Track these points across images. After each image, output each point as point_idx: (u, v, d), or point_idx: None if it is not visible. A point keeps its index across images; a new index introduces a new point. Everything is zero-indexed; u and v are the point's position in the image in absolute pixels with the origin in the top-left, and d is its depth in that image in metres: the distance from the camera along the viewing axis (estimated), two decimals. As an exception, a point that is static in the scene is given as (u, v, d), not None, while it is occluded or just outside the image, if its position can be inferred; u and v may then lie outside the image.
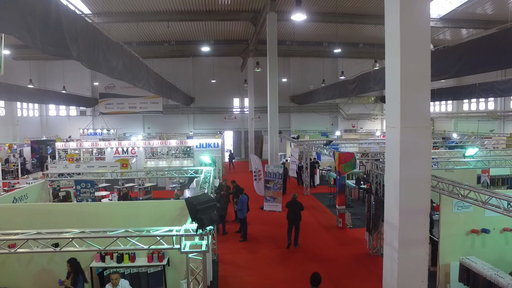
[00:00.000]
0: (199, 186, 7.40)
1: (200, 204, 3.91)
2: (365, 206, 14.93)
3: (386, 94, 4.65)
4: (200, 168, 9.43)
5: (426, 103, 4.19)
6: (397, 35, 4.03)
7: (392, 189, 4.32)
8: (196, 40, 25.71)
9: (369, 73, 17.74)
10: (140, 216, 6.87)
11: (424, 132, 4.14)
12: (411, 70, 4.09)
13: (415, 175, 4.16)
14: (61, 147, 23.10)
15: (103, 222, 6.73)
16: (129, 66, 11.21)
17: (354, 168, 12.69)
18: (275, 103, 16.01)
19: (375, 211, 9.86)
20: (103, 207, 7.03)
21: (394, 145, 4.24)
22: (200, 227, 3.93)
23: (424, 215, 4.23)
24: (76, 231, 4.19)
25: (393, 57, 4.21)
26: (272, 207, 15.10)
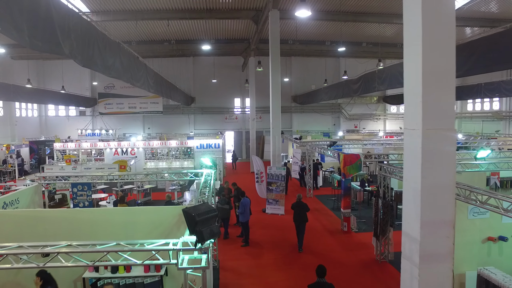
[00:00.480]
0: (199, 191, 6.98)
1: (199, 215, 3.50)
2: (372, 209, 14.52)
3: (405, 93, 4.24)
4: (200, 171, 9.02)
5: (450, 103, 3.76)
6: (419, 26, 3.61)
7: (412, 198, 3.90)
8: (196, 39, 25.32)
9: (374, 73, 17.32)
10: (137, 224, 6.46)
11: (449, 135, 3.71)
12: (435, 66, 3.67)
13: (438, 183, 3.74)
14: (59, 148, 22.72)
15: (97, 230, 6.34)
16: (127, 65, 10.82)
17: (359, 170, 12.28)
18: (278, 103, 15.60)
19: (383, 216, 9.45)
20: (97, 213, 6.63)
21: (415, 149, 3.82)
22: (200, 241, 3.52)
23: (448, 227, 3.80)
24: (63, 244, 3.79)
25: (413, 51, 3.79)
26: (274, 210, 14.69)
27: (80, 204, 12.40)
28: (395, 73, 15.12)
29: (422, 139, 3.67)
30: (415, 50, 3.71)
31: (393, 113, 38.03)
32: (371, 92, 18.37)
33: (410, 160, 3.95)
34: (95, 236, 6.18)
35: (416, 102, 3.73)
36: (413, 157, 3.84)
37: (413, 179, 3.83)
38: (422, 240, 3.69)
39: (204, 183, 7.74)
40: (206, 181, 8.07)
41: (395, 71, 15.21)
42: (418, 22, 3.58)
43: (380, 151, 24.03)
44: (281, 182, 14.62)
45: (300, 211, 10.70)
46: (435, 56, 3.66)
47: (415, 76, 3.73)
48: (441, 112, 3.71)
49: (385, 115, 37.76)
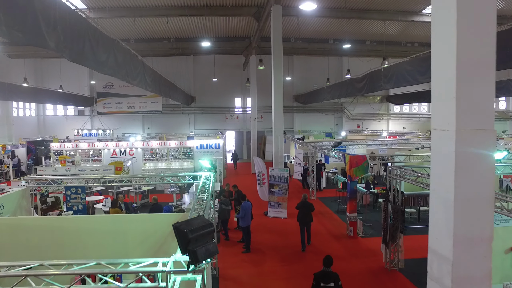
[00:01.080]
0: (196, 196, 6.43)
1: (192, 231, 2.95)
2: (378, 213, 14.02)
3: (433, 88, 3.67)
4: (198, 174, 8.46)
5: (489, 99, 3.18)
6: (453, 9, 3.03)
7: (442, 211, 3.33)
8: (196, 37, 24.76)
9: (379, 71, 16.75)
10: (128, 233, 5.91)
11: (488, 137, 3.14)
12: (472, 54, 3.09)
13: (475, 193, 3.17)
14: (56, 148, 22.18)
15: (83, 240, 5.80)
16: (122, 62, 10.27)
17: (366, 172, 11.73)
18: (280, 102, 15.04)
19: (393, 222, 8.88)
20: (84, 221, 6.09)
21: (446, 153, 3.25)
22: (193, 263, 2.97)
23: (486, 245, 3.24)
24: (34, 264, 3.23)
25: (444, 37, 3.22)
26: (277, 213, 14.12)
27: (74, 208, 11.86)
28: (402, 72, 14.56)
29: (455, 142, 3.11)
30: (447, 35, 3.14)
31: (396, 113, 37.44)
32: (377, 91, 17.80)
33: (440, 166, 3.38)
34: (81, 247, 5.66)
35: (448, 98, 3.16)
36: (443, 163, 3.28)
37: (444, 188, 3.27)
38: (456, 260, 3.13)
39: (202, 187, 7.18)
40: (204, 185, 7.52)
41: (402, 70, 14.65)
42: (452, 9, 3.00)
43: (384, 152, 23.49)
44: (284, 184, 14.06)
45: (306, 211, 10.65)
46: (472, 43, 3.09)
47: (447, 67, 3.16)
48: (478, 110, 3.13)
49: (388, 115, 37.16)
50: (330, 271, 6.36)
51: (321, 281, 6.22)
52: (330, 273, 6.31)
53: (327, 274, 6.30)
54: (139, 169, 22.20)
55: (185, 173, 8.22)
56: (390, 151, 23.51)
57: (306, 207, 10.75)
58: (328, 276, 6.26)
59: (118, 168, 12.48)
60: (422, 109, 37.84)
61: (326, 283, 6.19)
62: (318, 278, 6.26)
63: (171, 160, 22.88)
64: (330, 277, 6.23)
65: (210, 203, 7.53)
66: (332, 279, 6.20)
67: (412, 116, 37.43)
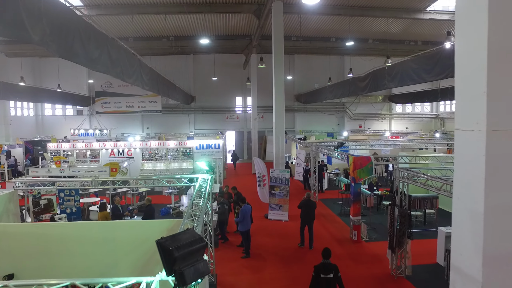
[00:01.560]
0: (192, 200, 6.00)
1: (179, 248, 2.51)
2: (382, 215, 13.57)
3: (457, 82, 3.23)
4: (195, 176, 8.03)
5: (526, 94, 2.75)
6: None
7: (468, 224, 2.88)
8: (196, 35, 24.31)
9: (383, 69, 16.30)
10: (117, 240, 5.49)
11: (524, 138, 2.71)
12: (506, 46, 2.65)
13: (509, 204, 2.73)
14: (53, 148, 21.78)
15: (69, 248, 5.38)
16: (116, 59, 9.84)
17: (370, 174, 11.30)
18: (281, 102, 14.59)
19: (400, 226, 8.43)
20: (71, 228, 5.67)
21: (474, 157, 2.80)
22: (180, 285, 2.53)
23: (521, 264, 2.82)
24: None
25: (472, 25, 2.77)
26: (277, 216, 13.69)
27: (68, 210, 11.49)
28: (407, 70, 14.10)
29: (486, 144, 2.66)
30: (476, 20, 2.69)
31: (398, 112, 36.97)
32: (380, 90, 17.35)
33: (466, 172, 2.92)
34: (67, 255, 5.25)
35: (477, 94, 2.71)
36: (470, 168, 2.83)
37: (471, 197, 2.82)
38: (486, 282, 2.68)
39: (199, 190, 6.75)
40: (200, 188, 7.09)
41: (407, 68, 14.19)
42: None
43: (387, 152, 23.04)
44: (285, 186, 13.62)
45: (309, 210, 10.71)
46: (507, 27, 2.63)
47: (476, 57, 2.72)
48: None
49: (390, 114, 36.70)
50: (329, 262, 6.56)
51: (321, 273, 6.40)
52: (329, 264, 6.51)
53: (327, 266, 6.49)
54: (137, 170, 21.78)
55: (181, 175, 7.78)
56: (393, 152, 23.10)
57: (309, 206, 10.78)
58: (327, 267, 6.46)
59: (114, 169, 12.05)
60: (425, 109, 37.37)
61: (325, 274, 6.38)
62: (318, 269, 6.47)
63: (170, 160, 22.46)
64: (329, 268, 6.44)
65: (207, 207, 7.10)
66: (331, 271, 6.40)
67: (415, 116, 36.97)
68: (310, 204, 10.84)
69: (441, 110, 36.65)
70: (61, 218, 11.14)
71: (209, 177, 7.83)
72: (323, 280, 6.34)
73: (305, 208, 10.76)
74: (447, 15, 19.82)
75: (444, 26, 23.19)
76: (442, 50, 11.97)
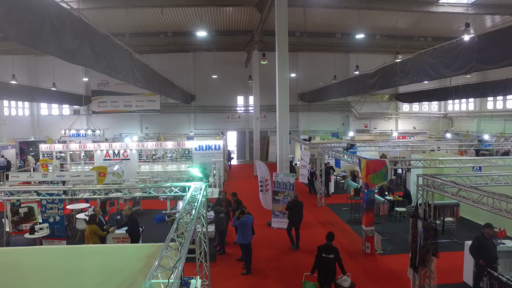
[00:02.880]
0: (177, 219, 4.91)
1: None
2: (397, 223, 12.41)
3: None
4: (187, 185, 6.94)
5: None
6: None
7: None
8: (195, 31, 23.20)
9: (395, 65, 15.16)
10: (85, 270, 4.42)
11: None
12: None
13: None
14: (45, 150, 20.77)
15: (26, 279, 4.28)
16: (101, 51, 8.77)
17: (385, 179, 10.20)
18: (285, 100, 13.46)
19: (424, 242, 7.30)
20: (27, 254, 4.61)
21: None
22: None
23: None
24: None
25: None
26: (281, 224, 12.56)
27: (50, 219, 10.45)
28: (422, 65, 12.96)
29: None
30: None
31: (405, 112, 35.77)
32: (391, 87, 16.28)
33: None
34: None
35: None
36: None
37: None
38: None
39: (189, 203, 5.66)
40: (192, 199, 6.00)
41: (422, 62, 13.05)
42: None
43: (396, 154, 21.88)
44: (290, 191, 12.51)
45: (298, 210, 10.61)
46: None
47: None
48: None
49: (397, 114, 35.51)
50: (331, 245, 7.47)
51: (323, 253, 7.34)
52: (331, 246, 7.43)
53: (329, 247, 7.41)
54: (134, 172, 20.77)
55: (171, 183, 6.71)
56: (402, 153, 21.95)
57: (297, 206, 10.65)
58: (329, 249, 7.38)
59: (102, 173, 11.01)
60: (433, 108, 36.14)
61: (327, 254, 7.31)
62: (321, 250, 7.39)
63: (168, 162, 21.40)
64: (331, 249, 7.36)
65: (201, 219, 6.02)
66: (332, 252, 7.33)
67: (422, 116, 35.75)
68: (298, 204, 10.68)
69: (450, 109, 35.41)
70: (42, 228, 10.11)
71: (203, 186, 6.74)
72: (325, 259, 7.31)
73: (294, 209, 10.60)
74: (462, 8, 18.64)
75: (456, 20, 22.03)
76: (463, 42, 10.83)
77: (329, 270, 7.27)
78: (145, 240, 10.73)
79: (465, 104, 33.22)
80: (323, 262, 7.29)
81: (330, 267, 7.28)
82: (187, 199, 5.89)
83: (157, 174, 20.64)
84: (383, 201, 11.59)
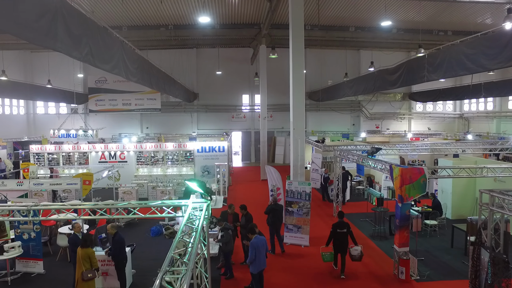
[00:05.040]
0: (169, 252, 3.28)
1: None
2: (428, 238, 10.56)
3: None
4: (183, 203, 5.30)
5: None
6: None
7: None
8: (197, 24, 21.55)
9: (422, 58, 13.43)
10: None
11: None
12: None
13: None
14: (36, 151, 19.23)
15: None
16: (80, 34, 7.15)
17: (423, 191, 8.51)
18: (301, 97, 11.76)
19: (492, 279, 5.62)
20: None
21: None
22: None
23: None
24: None
25: None
26: (295, 240, 10.92)
27: (25, 235, 8.86)
28: (458, 56, 11.21)
29: None
30: None
31: (418, 112, 33.98)
32: (417, 83, 14.50)
33: None
34: None
35: None
36: None
37: None
38: None
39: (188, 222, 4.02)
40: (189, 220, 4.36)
41: (457, 54, 11.30)
42: None
43: (414, 157, 20.16)
44: (305, 201, 10.84)
45: (278, 214, 10.23)
46: None
47: None
48: None
49: (410, 114, 33.70)
50: (343, 221, 8.91)
51: (337, 228, 8.76)
52: (343, 222, 8.85)
53: (341, 223, 8.82)
54: (131, 175, 19.24)
55: (163, 200, 5.11)
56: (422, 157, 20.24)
57: (277, 210, 10.21)
58: (342, 224, 8.80)
59: (87, 181, 9.43)
60: (447, 108, 34.30)
61: (341, 229, 8.74)
62: (336, 226, 8.81)
63: (168, 165, 19.81)
64: (343, 225, 8.78)
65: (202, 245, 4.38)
66: (345, 227, 8.76)
67: (436, 116, 33.91)
68: (278, 208, 10.28)
69: (466, 109, 33.53)
70: (14, 247, 8.52)
71: (205, 205, 5.10)
72: (339, 234, 8.72)
73: (273, 213, 10.10)
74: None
75: (480, 12, 20.26)
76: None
77: (342, 241, 8.77)
78: (136, 260, 9.13)
79: (483, 103, 31.37)
80: (337, 236, 8.78)
81: (343, 240, 8.76)
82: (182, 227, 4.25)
83: (156, 178, 19.05)
84: (416, 215, 9.87)
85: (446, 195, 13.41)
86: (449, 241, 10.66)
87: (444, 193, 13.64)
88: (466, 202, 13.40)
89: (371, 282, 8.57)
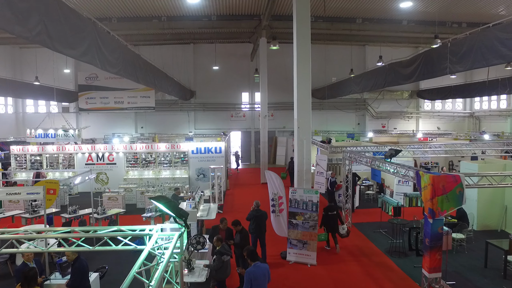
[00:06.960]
0: None
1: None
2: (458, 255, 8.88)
3: None
4: (147, 231, 3.73)
5: None
6: None
7: None
8: (193, 15, 20.00)
9: (443, 47, 11.88)
10: None
11: None
12: None
13: None
14: (17, 152, 17.71)
15: None
16: (29, 7, 5.60)
17: (460, 203, 6.93)
18: (307, 93, 10.25)
19: None
20: None
21: None
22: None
23: None
24: None
25: None
26: (300, 258, 9.34)
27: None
28: (490, 42, 9.64)
29: None
30: None
31: (427, 110, 32.39)
32: (436, 76, 12.89)
33: None
34: None
35: None
36: None
37: None
38: None
39: None
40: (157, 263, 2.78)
41: (488, 39, 9.73)
42: None
43: (427, 159, 18.57)
44: (312, 213, 9.26)
45: (260, 222, 9.01)
46: None
47: None
48: None
49: (418, 112, 32.10)
50: (333, 205, 10.66)
51: (328, 211, 10.04)
52: (333, 206, 10.49)
53: (332, 207, 10.28)
54: (120, 178, 17.72)
55: (120, 226, 3.54)
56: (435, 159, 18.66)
57: (259, 218, 9.02)
58: (332, 208, 10.21)
59: (51, 190, 7.89)
60: (457, 107, 32.67)
61: (331, 212, 10.04)
62: (327, 210, 10.11)
63: (161, 167, 18.26)
64: (333, 208, 10.23)
65: None
66: (335, 209, 10.21)
67: (446, 115, 32.29)
68: (260, 215, 9.08)
69: (476, 107, 31.88)
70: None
71: (176, 234, 3.52)
72: (330, 216, 10.01)
73: (256, 220, 8.97)
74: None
75: (496, 3, 18.68)
76: None
77: (333, 223, 9.95)
78: (110, 285, 7.55)
79: (495, 101, 29.73)
80: (328, 218, 9.92)
81: (334, 221, 9.97)
82: (139, 264, 2.68)
83: (147, 181, 17.51)
84: (446, 231, 8.26)
85: (471, 202, 11.80)
86: (481, 260, 9.06)
87: (468, 201, 12.03)
88: (493, 210, 11.82)
89: (394, 315, 7.00)
